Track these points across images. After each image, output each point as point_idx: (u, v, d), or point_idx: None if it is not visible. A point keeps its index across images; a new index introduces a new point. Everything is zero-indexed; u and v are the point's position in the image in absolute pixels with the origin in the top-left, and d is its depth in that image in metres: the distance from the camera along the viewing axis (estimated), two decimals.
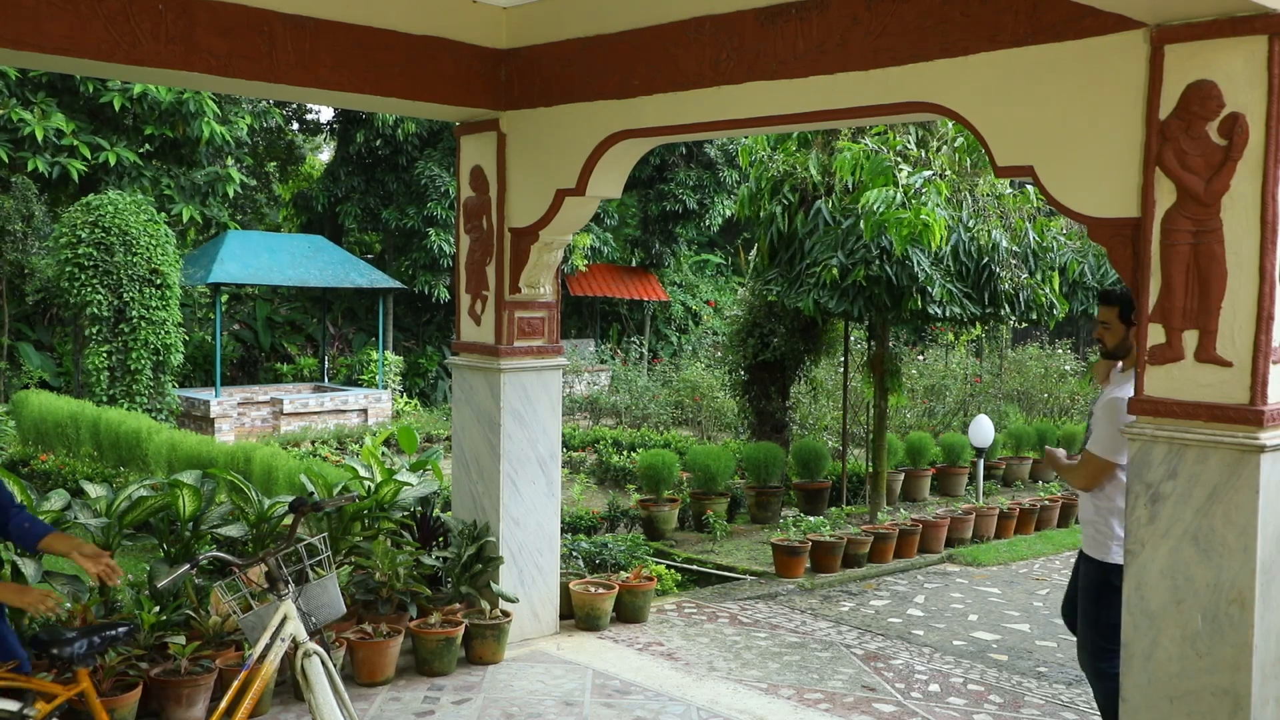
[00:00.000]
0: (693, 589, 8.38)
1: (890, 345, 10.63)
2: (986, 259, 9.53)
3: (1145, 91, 3.88)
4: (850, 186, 9.43)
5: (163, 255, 14.96)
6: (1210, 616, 3.79)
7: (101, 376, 14.73)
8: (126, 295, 14.66)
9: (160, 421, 14.08)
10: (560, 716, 5.51)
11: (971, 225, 9.51)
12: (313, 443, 15.56)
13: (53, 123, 15.66)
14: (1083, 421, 15.59)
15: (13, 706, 3.50)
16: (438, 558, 6.51)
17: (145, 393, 14.96)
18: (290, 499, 6.61)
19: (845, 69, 4.73)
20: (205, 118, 16.97)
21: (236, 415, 17.06)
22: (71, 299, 14.59)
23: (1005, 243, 9.59)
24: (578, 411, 19.79)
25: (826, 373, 14.87)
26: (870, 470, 10.68)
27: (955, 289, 9.42)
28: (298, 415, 17.67)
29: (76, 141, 16.08)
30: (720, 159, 23.88)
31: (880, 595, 8.33)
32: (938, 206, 8.69)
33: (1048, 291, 10.05)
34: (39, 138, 15.52)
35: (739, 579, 8.77)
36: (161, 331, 14.99)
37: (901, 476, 11.97)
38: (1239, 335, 3.72)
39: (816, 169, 9.73)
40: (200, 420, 16.66)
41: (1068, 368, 17.83)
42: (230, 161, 19.29)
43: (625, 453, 13.87)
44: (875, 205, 8.52)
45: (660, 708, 5.66)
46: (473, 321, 6.58)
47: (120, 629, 3.70)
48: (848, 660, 6.59)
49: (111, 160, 16.47)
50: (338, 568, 4.39)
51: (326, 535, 4.53)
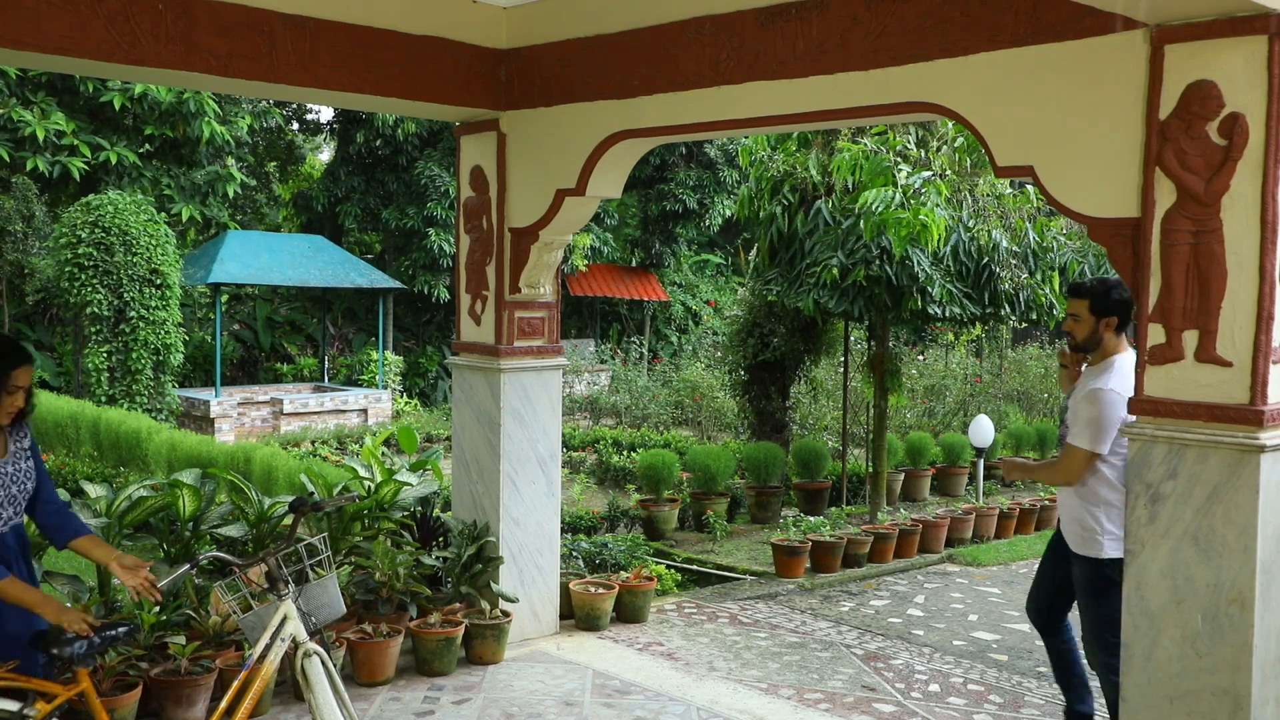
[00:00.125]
0: (693, 589, 8.38)
1: (890, 345, 10.63)
2: (986, 259, 9.53)
3: (1145, 91, 3.88)
4: (850, 186, 9.43)
5: (163, 255, 14.97)
6: (1210, 616, 3.79)
7: (101, 376, 14.74)
8: (126, 295, 14.67)
9: (160, 421, 14.09)
10: (560, 716, 5.51)
11: (971, 225, 9.51)
12: (313, 443, 15.56)
13: (53, 122, 15.66)
14: None
15: (12, 706, 3.50)
16: (438, 558, 6.51)
17: (145, 393, 14.97)
18: (290, 499, 6.62)
19: (845, 69, 4.73)
20: (205, 118, 16.98)
21: (236, 415, 17.07)
22: (71, 299, 14.60)
23: (1005, 243, 9.59)
24: (578, 411, 19.79)
25: (826, 373, 14.87)
26: (870, 470, 10.68)
27: (955, 289, 9.42)
28: (298, 415, 17.67)
29: (77, 141, 16.09)
30: (720, 159, 23.88)
31: (880, 595, 8.33)
32: (937, 207, 8.69)
33: (1048, 291, 10.05)
34: (39, 137, 15.52)
35: (739, 579, 8.77)
36: (161, 331, 15.00)
37: (901, 476, 11.96)
38: (1239, 335, 3.72)
39: (816, 169, 9.73)
40: (200, 420, 16.66)
41: None
42: (231, 161, 19.30)
43: (625, 453, 13.87)
44: (874, 205, 8.52)
45: (660, 708, 5.66)
46: (473, 321, 6.58)
47: (120, 629, 3.70)
48: (848, 660, 6.59)
49: (112, 160, 16.48)
50: (338, 568, 4.39)
51: (326, 535, 4.53)
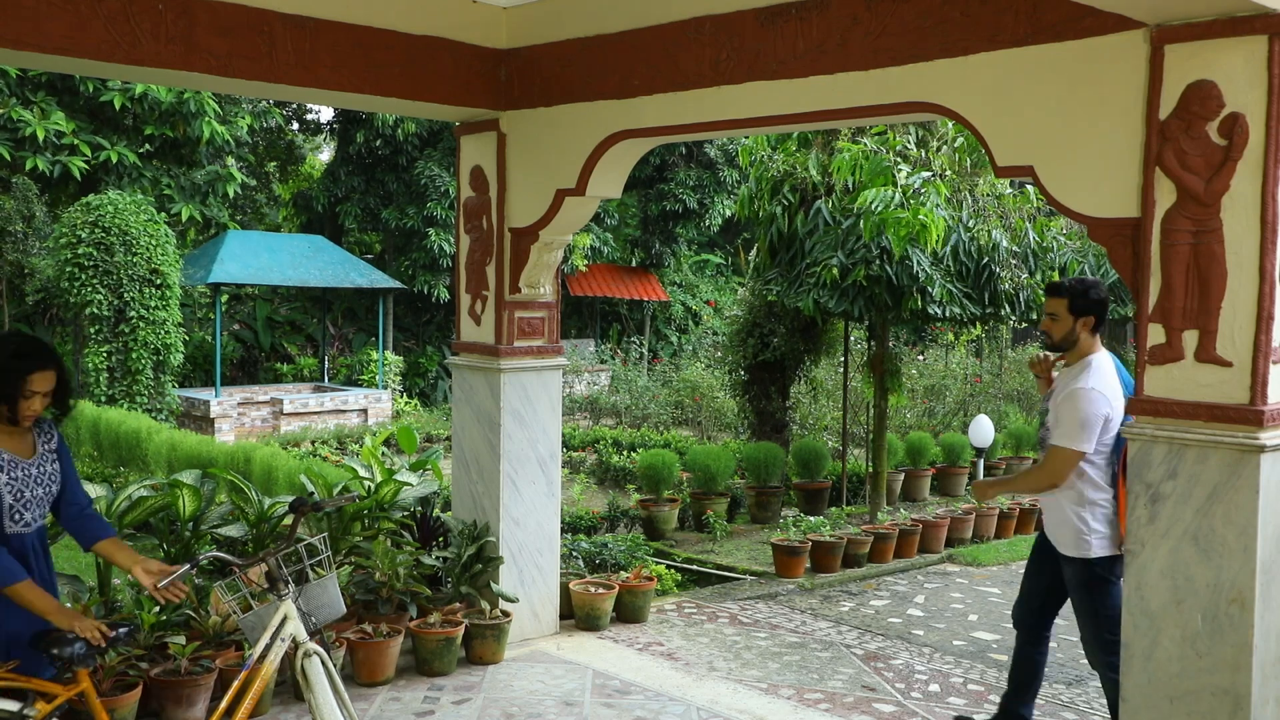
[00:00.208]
0: (693, 589, 8.38)
1: (890, 345, 10.63)
2: (986, 259, 9.53)
3: (1145, 91, 3.88)
4: (850, 186, 9.43)
5: (163, 255, 14.97)
6: (1210, 616, 3.79)
7: (101, 376, 14.74)
8: (126, 295, 14.67)
9: (160, 421, 14.09)
10: (560, 716, 5.51)
11: (971, 225, 9.51)
12: (313, 443, 15.56)
13: (53, 122, 15.66)
14: None
15: (13, 706, 3.50)
16: (438, 558, 6.51)
17: (145, 393, 14.97)
18: (290, 499, 6.62)
19: (845, 69, 4.73)
20: (205, 118, 16.97)
21: (236, 415, 17.07)
22: (71, 299, 14.60)
23: (1005, 243, 9.60)
24: (578, 411, 19.78)
25: (826, 373, 14.87)
26: (870, 470, 10.68)
27: (955, 289, 9.42)
28: (298, 415, 17.67)
29: (77, 140, 16.09)
30: (720, 159, 23.88)
31: (880, 595, 8.33)
32: (937, 207, 8.70)
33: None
34: (39, 137, 15.52)
35: (739, 579, 8.77)
36: (161, 331, 15.00)
37: (901, 476, 11.96)
38: (1239, 335, 3.72)
39: (816, 169, 9.73)
40: (200, 420, 16.66)
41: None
42: (231, 161, 19.29)
43: (625, 453, 13.87)
44: (874, 205, 8.52)
45: (660, 708, 5.66)
46: (473, 321, 6.58)
47: (121, 629, 3.70)
48: (848, 660, 6.59)
49: (113, 159, 16.47)
50: (338, 568, 4.38)
51: (326, 535, 4.53)
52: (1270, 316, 3.67)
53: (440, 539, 6.73)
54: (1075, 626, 7.76)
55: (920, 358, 18.72)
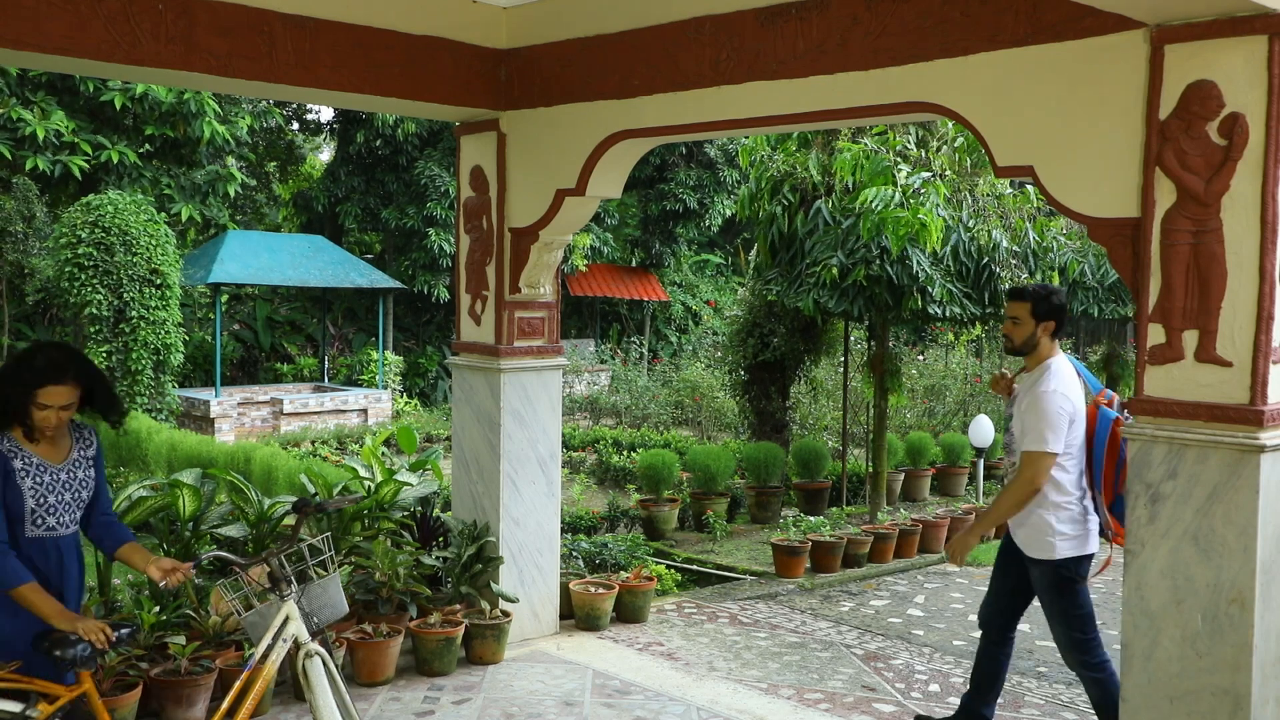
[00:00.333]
0: (693, 589, 8.38)
1: (890, 345, 10.63)
2: (986, 259, 9.53)
3: (1145, 91, 3.88)
4: (850, 186, 9.44)
5: (163, 255, 14.96)
6: (1210, 616, 3.79)
7: None
8: (126, 295, 14.66)
9: (160, 421, 14.09)
10: (560, 716, 5.51)
11: (971, 225, 9.51)
12: (313, 443, 15.57)
13: (53, 122, 15.65)
14: None
15: (15, 707, 3.50)
16: (438, 558, 6.51)
17: (145, 393, 14.96)
18: (290, 499, 6.63)
19: (845, 69, 4.73)
20: (206, 118, 16.97)
21: (236, 415, 17.07)
22: (71, 299, 14.59)
23: (1005, 243, 9.60)
24: (578, 411, 19.78)
25: (826, 373, 14.87)
26: (870, 470, 10.68)
27: (955, 289, 9.42)
28: (298, 415, 17.67)
29: (78, 139, 16.08)
30: (720, 159, 23.87)
31: (880, 595, 8.33)
32: (936, 207, 8.70)
33: None
34: (39, 137, 15.51)
35: (739, 579, 8.77)
36: (161, 331, 14.99)
37: (901, 476, 11.97)
38: (1239, 335, 3.72)
39: (816, 169, 9.73)
40: (200, 420, 16.66)
41: None
42: (231, 161, 19.28)
43: (625, 453, 13.87)
44: (874, 204, 8.53)
45: (660, 708, 5.66)
46: (473, 321, 6.58)
47: (123, 630, 3.70)
48: (848, 660, 6.59)
49: (114, 159, 16.47)
50: (338, 567, 4.38)
51: (330, 535, 4.53)
52: (1270, 316, 3.67)
53: (440, 539, 6.73)
54: None
55: (920, 358, 18.72)
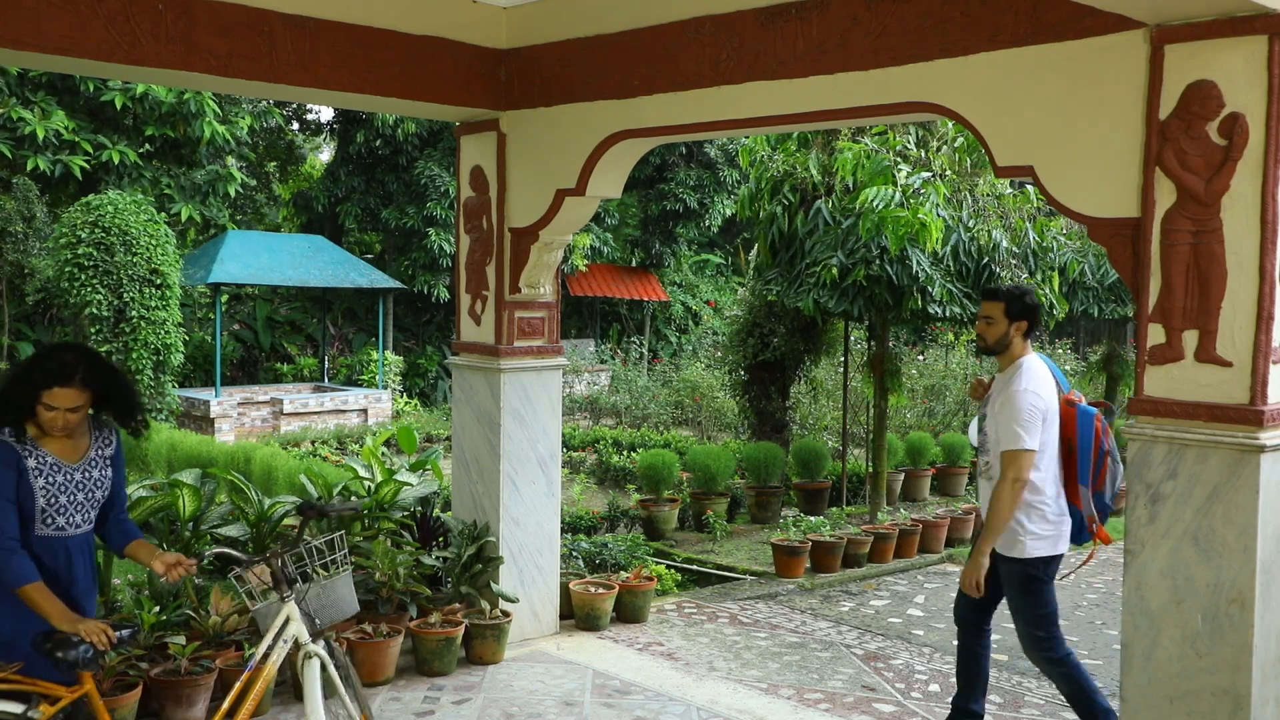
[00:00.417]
0: (693, 589, 8.38)
1: (890, 345, 10.63)
2: (986, 259, 9.53)
3: (1145, 91, 3.88)
4: (850, 186, 9.44)
5: (163, 255, 14.95)
6: (1210, 616, 3.79)
7: None
8: (126, 295, 14.66)
9: (160, 421, 14.09)
10: (560, 716, 5.51)
11: (971, 225, 9.51)
12: (313, 443, 15.56)
13: (53, 122, 15.65)
14: None
15: (17, 708, 3.50)
16: (438, 558, 6.51)
17: (145, 393, 14.94)
18: (291, 499, 6.64)
19: (845, 69, 4.73)
20: (206, 118, 16.97)
21: (236, 415, 17.07)
22: (71, 299, 14.59)
23: (1005, 243, 9.59)
24: (578, 411, 19.78)
25: (826, 373, 14.87)
26: (870, 470, 10.68)
27: (955, 289, 9.42)
28: (298, 415, 17.67)
29: (78, 138, 16.08)
30: (720, 159, 23.87)
31: (880, 595, 8.33)
32: (936, 207, 8.70)
33: (1048, 291, 10.05)
34: (39, 137, 15.51)
35: (739, 579, 8.77)
36: (161, 331, 14.99)
37: (901, 476, 11.96)
38: (1239, 335, 3.72)
39: (816, 169, 9.73)
40: (200, 420, 16.66)
41: (1068, 367, 17.82)
42: (231, 161, 19.27)
43: (625, 453, 13.87)
44: (874, 203, 8.53)
45: (660, 708, 5.66)
46: (473, 321, 6.58)
47: (124, 631, 3.70)
48: (848, 660, 6.59)
49: (114, 159, 16.47)
50: (348, 567, 4.39)
51: (343, 534, 4.52)
52: (1270, 316, 3.67)
53: (440, 539, 6.74)
54: (1074, 626, 7.78)
55: (920, 358, 18.72)
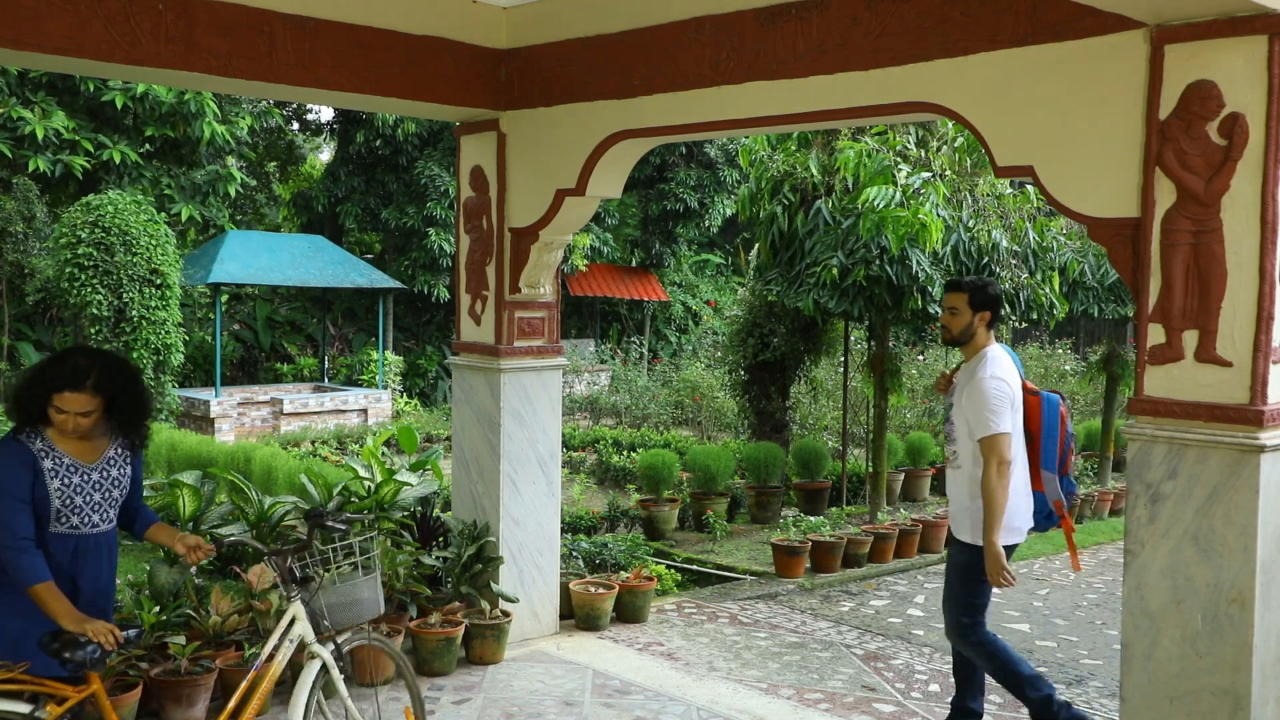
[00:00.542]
0: (693, 589, 8.37)
1: (890, 345, 10.63)
2: (986, 259, 9.53)
3: (1145, 91, 3.88)
4: (850, 186, 9.44)
5: (163, 255, 14.95)
6: (1210, 616, 3.79)
7: None
8: (126, 295, 14.65)
9: (160, 421, 14.08)
10: (560, 716, 5.51)
11: (971, 225, 9.51)
12: (313, 443, 15.56)
13: (53, 122, 15.65)
14: (1085, 421, 15.58)
15: (24, 709, 3.51)
16: (438, 558, 6.51)
17: None
18: (290, 499, 6.66)
19: (845, 69, 4.73)
20: (206, 118, 16.97)
21: (236, 415, 17.06)
22: (71, 299, 14.58)
23: (1005, 243, 9.59)
24: (578, 411, 19.78)
25: (826, 373, 14.86)
26: (870, 470, 10.68)
27: None
28: (298, 415, 17.67)
29: (78, 137, 16.08)
30: (720, 159, 23.87)
31: (880, 595, 8.32)
32: (936, 207, 8.70)
33: (1048, 291, 10.05)
34: (39, 137, 15.51)
35: (739, 579, 8.76)
36: (162, 331, 14.98)
37: (901, 476, 11.97)
38: (1239, 335, 3.72)
39: (816, 169, 9.73)
40: (200, 420, 16.66)
41: (1067, 368, 17.84)
42: (231, 161, 19.26)
43: (625, 453, 13.87)
44: (875, 202, 8.53)
45: (660, 708, 5.66)
46: (473, 321, 6.58)
47: (130, 631, 3.71)
48: (848, 660, 6.59)
49: (115, 159, 16.47)
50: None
51: (372, 537, 4.50)
52: (1270, 316, 3.67)
53: (440, 539, 6.73)
54: (1074, 626, 7.78)
55: (920, 358, 18.72)
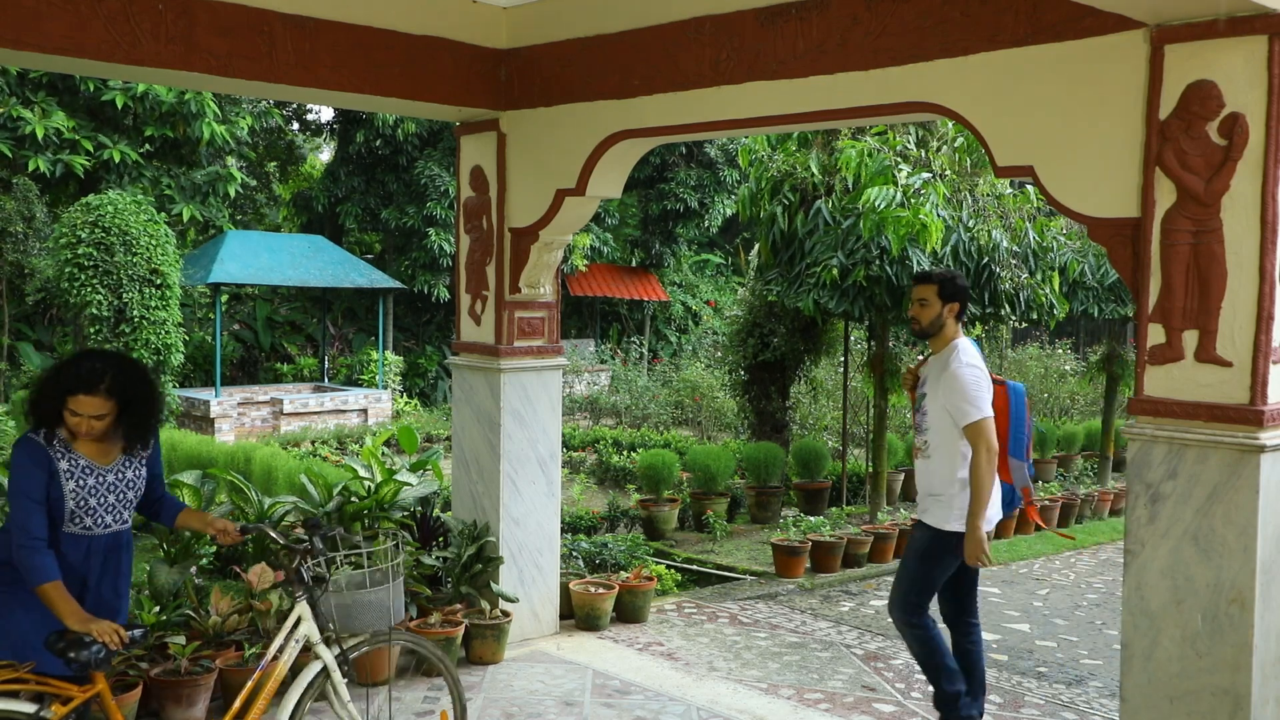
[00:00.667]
0: (693, 589, 8.38)
1: (890, 345, 10.64)
2: (986, 259, 9.53)
3: (1145, 91, 3.88)
4: (850, 186, 9.44)
5: (163, 255, 14.94)
6: (1210, 616, 3.79)
7: None
8: (126, 295, 14.65)
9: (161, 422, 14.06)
10: (560, 716, 5.51)
11: (971, 225, 9.51)
12: (313, 443, 15.56)
13: (53, 122, 15.64)
14: (1085, 421, 15.59)
15: (30, 708, 3.51)
16: (438, 558, 6.51)
17: None
18: (290, 499, 6.66)
19: (845, 69, 4.73)
20: (206, 118, 16.96)
21: (236, 415, 17.06)
22: (71, 299, 14.58)
23: (1005, 243, 9.59)
24: (578, 411, 19.78)
25: (826, 373, 14.87)
26: (870, 470, 10.69)
27: None
28: (298, 415, 17.67)
29: (78, 137, 16.08)
30: (720, 159, 23.87)
31: (880, 595, 8.32)
32: (936, 207, 8.70)
33: (1048, 291, 10.06)
34: (39, 137, 15.51)
35: (739, 579, 8.77)
36: (162, 331, 14.98)
37: (901, 476, 11.97)
38: (1239, 335, 3.72)
39: (817, 169, 9.74)
40: (200, 420, 16.66)
41: (1068, 368, 17.84)
42: (231, 161, 19.26)
43: (625, 453, 13.87)
44: (875, 202, 8.53)
45: (660, 708, 5.66)
46: (473, 321, 6.58)
47: (134, 631, 3.71)
48: (848, 660, 6.59)
49: (115, 158, 16.46)
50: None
51: (398, 544, 4.47)
52: (1270, 316, 3.67)
53: (440, 539, 6.73)
54: (1074, 626, 7.79)
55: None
